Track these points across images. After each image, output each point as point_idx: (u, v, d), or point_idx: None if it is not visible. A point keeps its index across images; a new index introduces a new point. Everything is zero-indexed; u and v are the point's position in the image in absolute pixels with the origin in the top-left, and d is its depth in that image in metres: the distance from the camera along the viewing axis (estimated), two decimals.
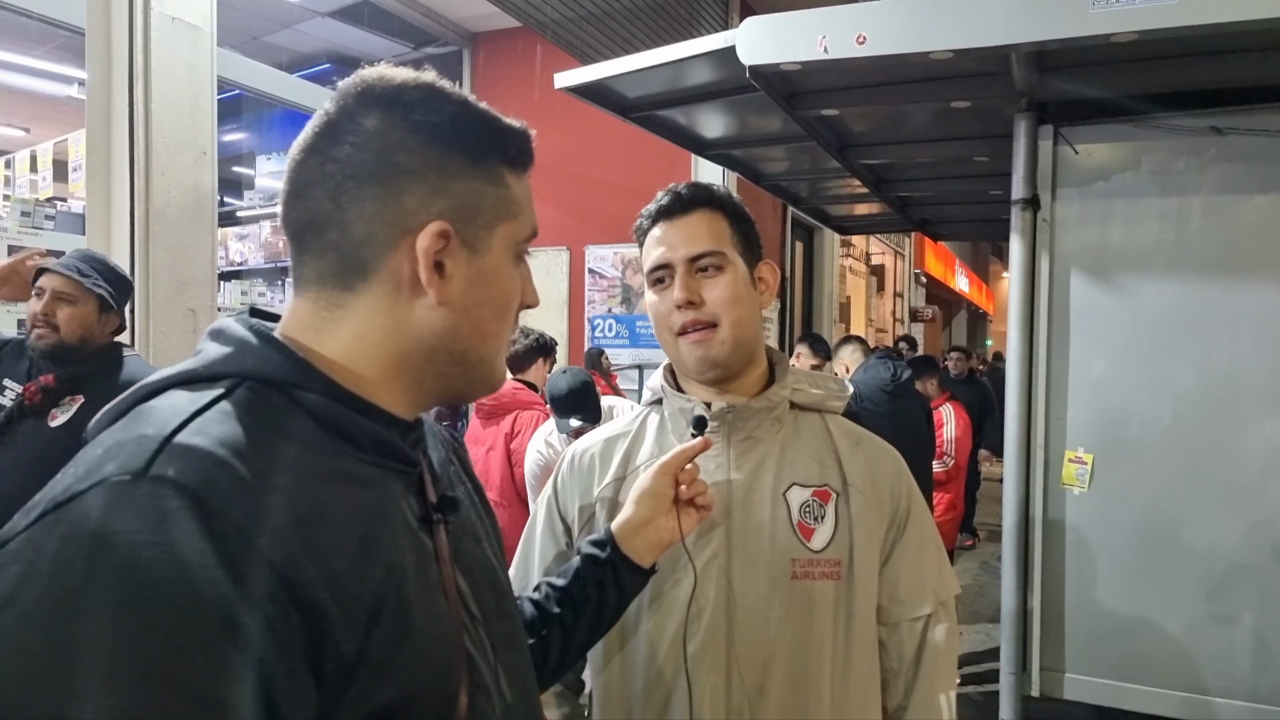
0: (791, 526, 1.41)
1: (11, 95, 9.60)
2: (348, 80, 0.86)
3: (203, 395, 0.75)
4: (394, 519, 0.82)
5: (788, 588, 1.39)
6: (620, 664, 1.48)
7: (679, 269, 1.43)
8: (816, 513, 1.42)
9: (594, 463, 1.55)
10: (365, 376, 0.84)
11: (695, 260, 1.43)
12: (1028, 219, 3.18)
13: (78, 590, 0.60)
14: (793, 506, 1.42)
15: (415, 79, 0.86)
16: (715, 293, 1.42)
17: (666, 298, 1.45)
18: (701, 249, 1.43)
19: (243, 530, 0.66)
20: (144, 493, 0.64)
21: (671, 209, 1.47)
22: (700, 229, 1.44)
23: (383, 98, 0.85)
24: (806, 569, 1.40)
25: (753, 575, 1.40)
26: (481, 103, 0.90)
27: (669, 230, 1.46)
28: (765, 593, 1.39)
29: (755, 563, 1.40)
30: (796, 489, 1.43)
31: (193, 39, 4.17)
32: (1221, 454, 2.97)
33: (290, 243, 0.86)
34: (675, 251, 1.43)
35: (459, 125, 0.87)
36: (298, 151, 0.86)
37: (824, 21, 2.78)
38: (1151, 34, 2.42)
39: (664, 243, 1.45)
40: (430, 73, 0.88)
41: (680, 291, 1.41)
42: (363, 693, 0.72)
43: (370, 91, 0.85)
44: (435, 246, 0.83)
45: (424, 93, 0.86)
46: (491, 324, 0.90)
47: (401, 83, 0.86)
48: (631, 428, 1.58)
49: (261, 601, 0.65)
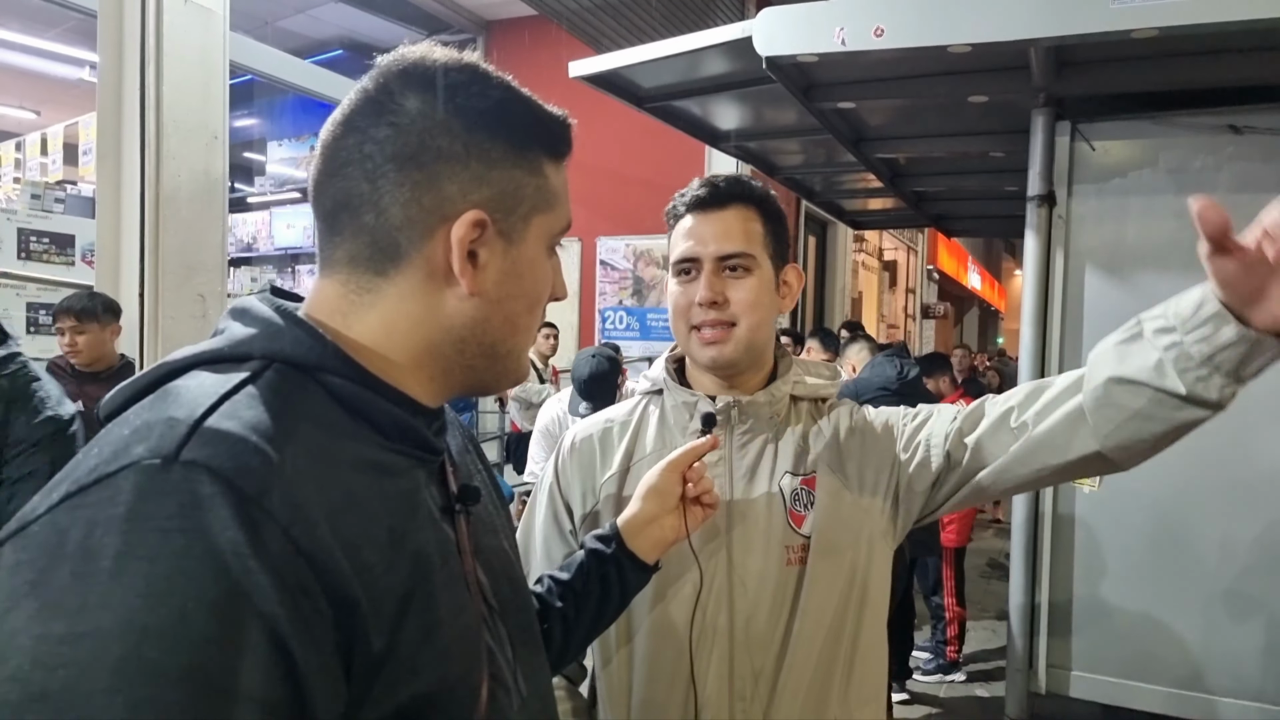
0: (785, 515, 1.42)
1: (22, 78, 9.65)
2: (388, 58, 0.84)
3: (230, 377, 0.73)
4: (420, 509, 0.81)
5: (780, 573, 1.40)
6: (625, 658, 1.48)
7: (706, 265, 1.41)
8: (806, 500, 1.43)
9: (594, 450, 1.55)
10: (393, 362, 0.83)
11: (724, 260, 1.41)
12: (1043, 215, 3.16)
13: (108, 577, 0.58)
14: (786, 495, 1.43)
15: (459, 61, 0.84)
16: (739, 294, 1.41)
17: (689, 290, 1.43)
18: (732, 249, 1.41)
19: (276, 519, 0.64)
20: (176, 478, 0.62)
21: (707, 201, 1.44)
22: (734, 226, 1.42)
23: (425, 79, 0.82)
24: (799, 554, 1.41)
25: (752, 565, 1.41)
26: (524, 88, 0.87)
27: (701, 223, 1.44)
28: (762, 581, 1.40)
29: (754, 552, 1.41)
30: (788, 477, 1.44)
31: (205, 22, 4.16)
32: (1232, 453, 2.95)
33: (320, 222, 0.84)
34: (705, 246, 1.42)
35: (503, 112, 0.84)
36: (334, 127, 0.83)
37: (842, 13, 2.76)
38: (1171, 30, 2.39)
39: (695, 235, 1.43)
40: (474, 55, 0.85)
41: (705, 290, 1.40)
42: (390, 686, 0.71)
43: (413, 71, 0.82)
44: (470, 236, 0.81)
45: (468, 76, 0.83)
46: (523, 317, 0.89)
47: (445, 64, 0.83)
48: (631, 417, 1.57)
49: (295, 593, 0.63)
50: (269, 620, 0.61)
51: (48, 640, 0.56)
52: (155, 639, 0.57)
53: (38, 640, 0.56)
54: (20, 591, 0.58)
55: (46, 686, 0.55)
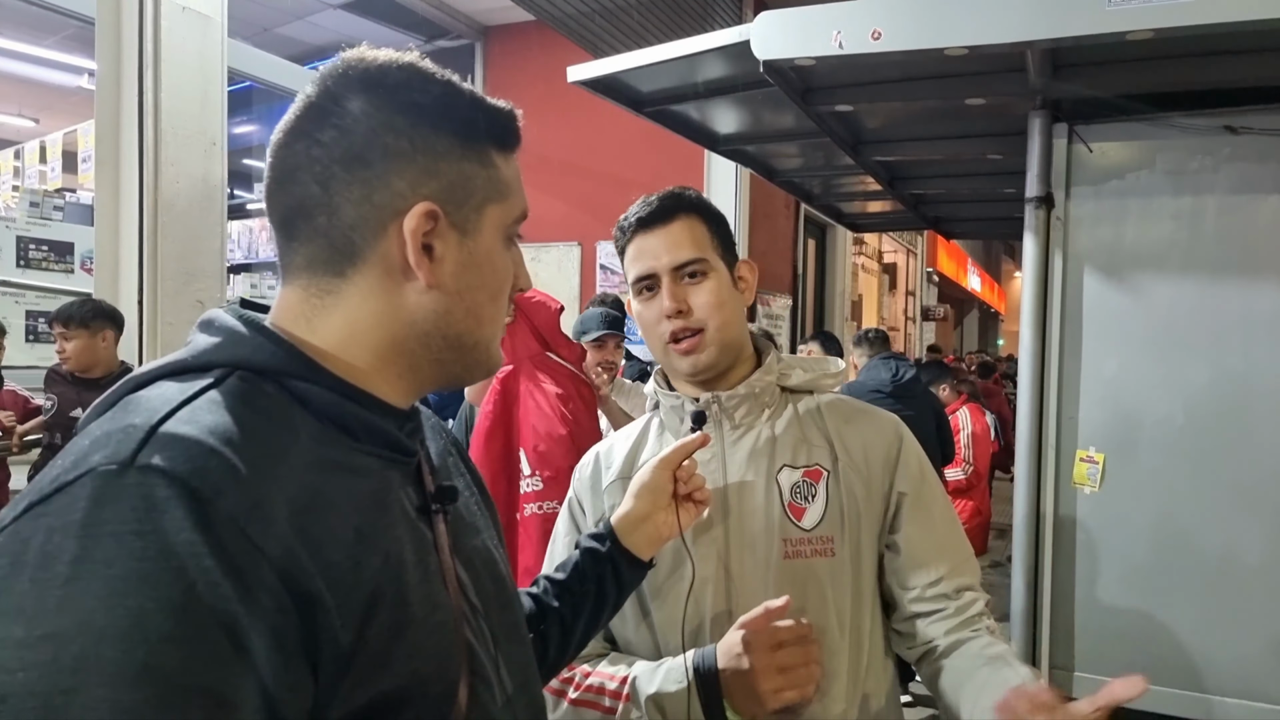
0: (783, 507, 1.44)
1: (21, 85, 9.65)
2: (329, 63, 0.85)
3: (192, 385, 0.74)
4: (392, 509, 0.82)
5: (779, 567, 1.42)
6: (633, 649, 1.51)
7: (664, 278, 1.47)
8: (807, 492, 1.45)
9: (600, 461, 1.61)
10: (359, 365, 0.84)
11: (680, 269, 1.46)
12: (1041, 217, 3.16)
13: (65, 582, 0.59)
14: (784, 488, 1.45)
15: (398, 60, 0.86)
16: (701, 298, 1.46)
17: (653, 306, 1.48)
18: (686, 257, 1.46)
19: (234, 519, 0.65)
20: (131, 482, 0.63)
21: (651, 219, 1.49)
22: (682, 237, 1.47)
23: (366, 79, 0.83)
24: (798, 548, 1.43)
25: (750, 558, 1.43)
26: (465, 83, 0.89)
27: (650, 240, 1.49)
28: (761, 574, 1.42)
29: (751, 546, 1.44)
30: (787, 470, 1.47)
31: (203, 29, 4.17)
32: (1234, 454, 2.95)
33: (276, 230, 0.85)
34: (659, 260, 1.47)
35: (446, 106, 0.86)
36: (280, 135, 0.84)
37: (839, 16, 2.76)
38: (1168, 32, 2.39)
39: (648, 253, 1.48)
40: (412, 53, 0.87)
41: (668, 300, 1.45)
42: (360, 682, 0.72)
43: (353, 73, 0.84)
44: (423, 228, 0.82)
45: (408, 73, 0.85)
46: (486, 307, 0.90)
47: (384, 64, 0.85)
48: (635, 429, 1.64)
49: (255, 591, 0.64)
50: (227, 618, 0.62)
51: (7, 644, 0.57)
52: (113, 640, 0.58)
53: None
54: None
55: (6, 689, 0.56)
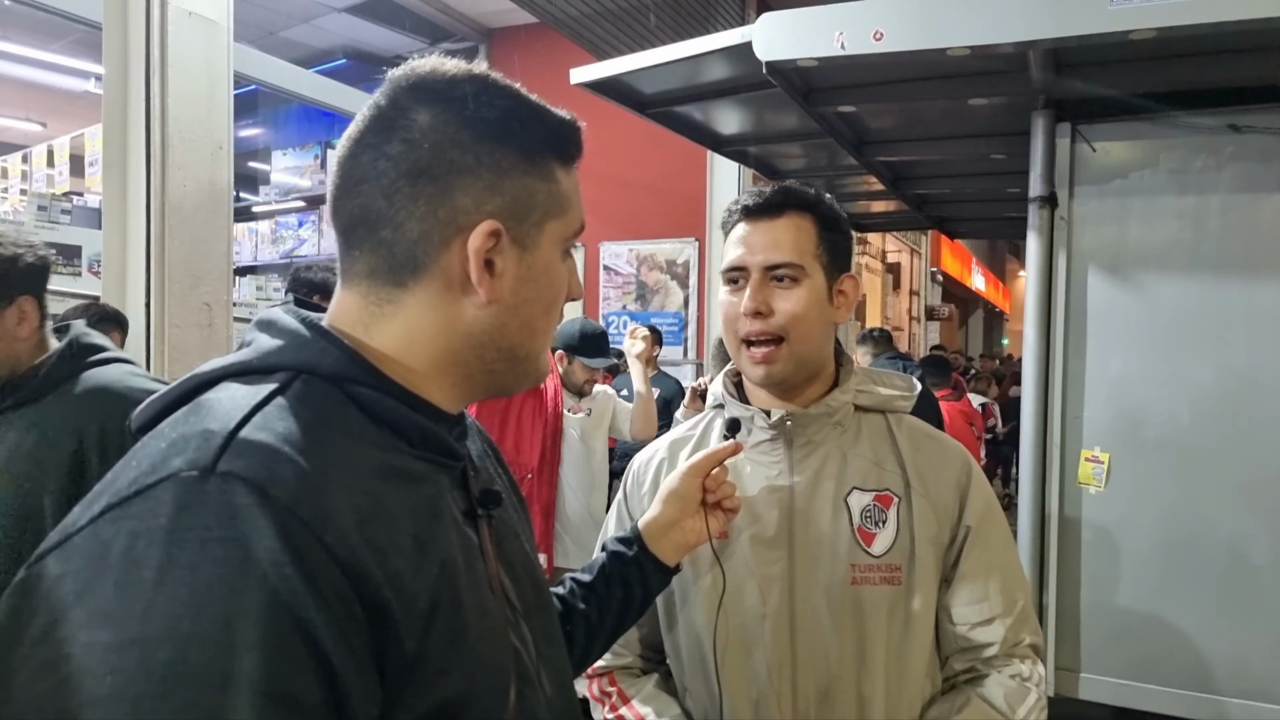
0: (852, 532, 1.39)
1: (28, 90, 9.67)
2: (398, 72, 0.85)
3: (259, 389, 0.75)
4: (444, 515, 0.82)
5: (842, 592, 1.37)
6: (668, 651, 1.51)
7: (754, 275, 1.40)
8: (877, 517, 1.39)
9: (661, 469, 1.56)
10: (415, 370, 0.84)
11: (771, 269, 1.39)
12: (1045, 217, 3.16)
13: (152, 587, 0.59)
14: (854, 511, 1.39)
15: (468, 72, 0.85)
16: (786, 305, 1.38)
17: (737, 301, 1.41)
18: (779, 259, 1.38)
19: (310, 527, 0.66)
20: (214, 489, 0.64)
21: (757, 210, 1.42)
22: (784, 236, 1.40)
23: (435, 91, 0.83)
24: (865, 574, 1.37)
25: (815, 581, 1.38)
26: (532, 94, 0.88)
27: (752, 231, 1.42)
28: (824, 598, 1.37)
29: (817, 569, 1.38)
30: (857, 493, 1.40)
31: (209, 33, 4.18)
32: (1239, 453, 2.95)
33: (339, 236, 0.86)
34: (753, 255, 1.40)
35: (513, 121, 0.85)
36: (348, 144, 0.84)
37: (841, 17, 2.76)
38: (1170, 31, 2.39)
39: (744, 244, 1.42)
40: (482, 64, 0.87)
41: (750, 300, 1.38)
42: (423, 690, 0.73)
43: (422, 85, 0.84)
44: (486, 245, 0.82)
45: (477, 86, 0.84)
46: (540, 320, 0.90)
47: (454, 76, 0.84)
48: (695, 432, 1.58)
49: (330, 600, 0.65)
50: (307, 626, 0.63)
51: (94, 649, 0.58)
52: (199, 645, 0.58)
53: (85, 648, 0.58)
54: (67, 602, 0.60)
55: (95, 693, 0.56)
